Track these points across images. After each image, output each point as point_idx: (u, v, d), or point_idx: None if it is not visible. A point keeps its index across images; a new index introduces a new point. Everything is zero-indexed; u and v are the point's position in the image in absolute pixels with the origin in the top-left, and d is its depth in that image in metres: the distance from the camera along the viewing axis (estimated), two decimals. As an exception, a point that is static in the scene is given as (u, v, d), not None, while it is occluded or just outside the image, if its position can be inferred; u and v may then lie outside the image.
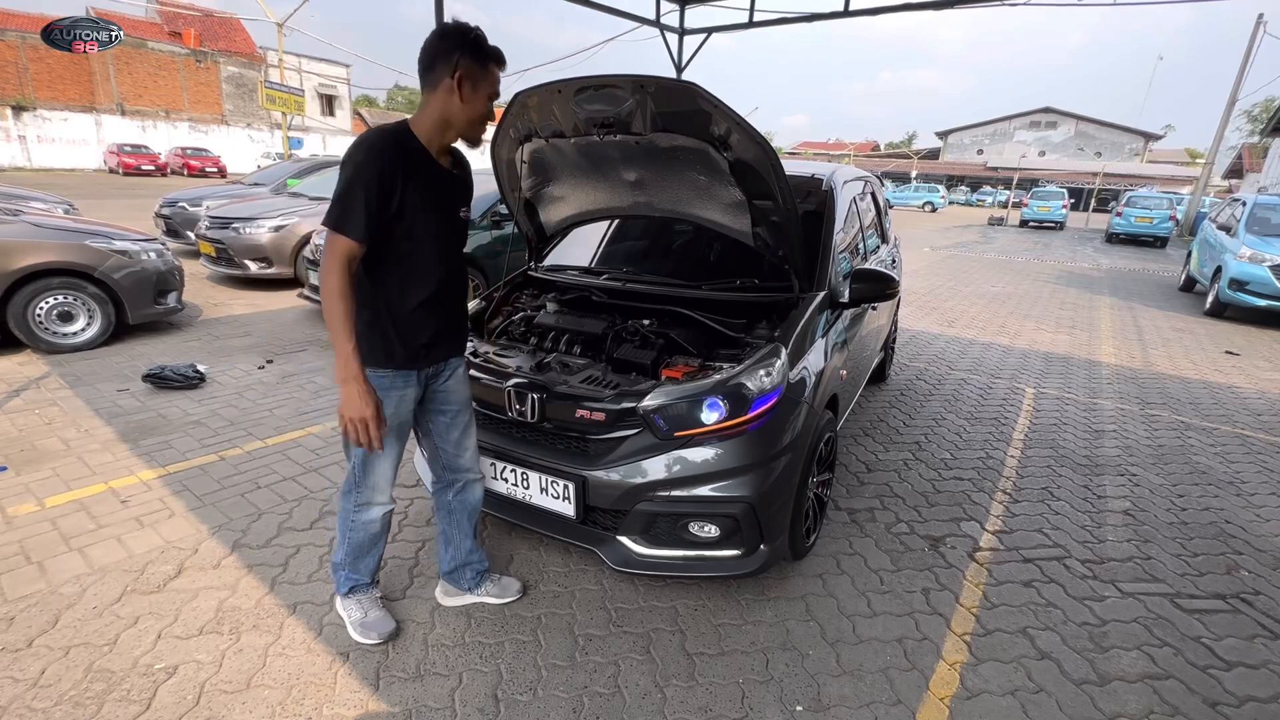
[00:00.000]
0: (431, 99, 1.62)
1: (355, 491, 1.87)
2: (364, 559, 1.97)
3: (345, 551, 1.95)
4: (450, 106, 1.62)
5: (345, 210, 1.54)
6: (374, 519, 1.91)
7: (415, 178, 1.61)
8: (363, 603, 2.00)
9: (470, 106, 1.63)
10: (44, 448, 3.13)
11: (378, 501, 1.90)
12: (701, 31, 8.09)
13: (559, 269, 3.11)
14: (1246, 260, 7.82)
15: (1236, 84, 19.51)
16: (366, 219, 1.54)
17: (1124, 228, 19.14)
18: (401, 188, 1.58)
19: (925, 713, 1.83)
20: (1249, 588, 2.53)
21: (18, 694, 1.72)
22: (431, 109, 1.63)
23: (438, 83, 1.60)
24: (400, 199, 1.59)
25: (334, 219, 1.56)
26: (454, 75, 1.58)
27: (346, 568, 1.98)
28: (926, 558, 2.59)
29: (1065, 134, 51.48)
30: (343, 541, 1.94)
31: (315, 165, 9.73)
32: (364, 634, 1.95)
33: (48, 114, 27.76)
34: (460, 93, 1.60)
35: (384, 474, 1.87)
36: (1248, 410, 4.70)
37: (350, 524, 1.91)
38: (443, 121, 1.64)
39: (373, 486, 1.87)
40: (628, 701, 1.81)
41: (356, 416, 1.61)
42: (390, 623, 2.00)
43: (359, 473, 1.85)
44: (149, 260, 4.86)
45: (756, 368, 2.04)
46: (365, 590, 2.02)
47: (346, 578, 1.99)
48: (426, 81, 1.62)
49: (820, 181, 3.04)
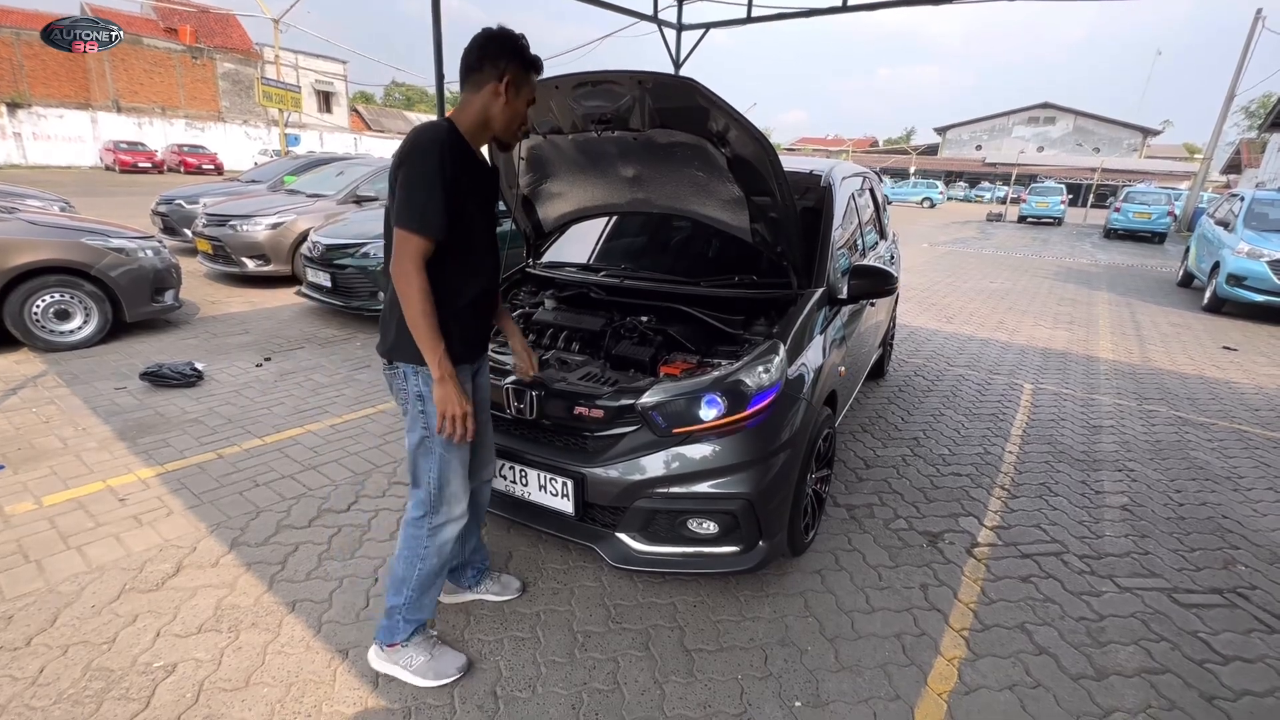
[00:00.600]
0: (474, 99, 1.64)
1: (432, 514, 1.76)
2: (429, 592, 1.83)
3: (412, 588, 1.79)
4: (493, 108, 1.64)
5: (423, 209, 1.52)
6: (450, 539, 1.80)
7: (471, 174, 1.65)
8: (422, 645, 1.85)
9: (512, 109, 1.67)
10: (41, 446, 3.12)
11: (456, 515, 1.79)
12: (699, 27, 8.07)
13: (557, 266, 3.11)
14: (1244, 255, 7.83)
15: (1235, 79, 19.50)
16: (443, 217, 1.54)
17: (1122, 223, 19.15)
18: (463, 183, 1.61)
19: (924, 708, 1.83)
20: (1246, 582, 2.54)
21: (17, 692, 1.72)
22: (475, 108, 1.64)
23: (483, 84, 1.62)
24: (463, 195, 1.60)
25: (412, 219, 1.52)
26: (501, 79, 1.62)
27: (407, 608, 1.80)
28: (925, 554, 2.60)
29: (1064, 129, 51.45)
30: (409, 577, 1.78)
31: (312, 162, 9.70)
32: (439, 675, 1.82)
33: (43, 111, 27.62)
34: (505, 96, 1.63)
35: (462, 478, 1.78)
36: (1245, 405, 4.71)
37: (424, 552, 1.77)
38: (484, 121, 1.66)
39: (451, 496, 1.77)
40: (627, 698, 1.82)
41: (457, 412, 1.61)
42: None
43: (435, 488, 1.74)
44: (146, 258, 4.85)
45: (755, 364, 2.04)
46: (424, 630, 1.88)
47: (406, 621, 1.81)
48: (470, 82, 1.64)
49: (819, 178, 3.04)
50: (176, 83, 31.84)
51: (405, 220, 1.52)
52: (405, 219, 1.52)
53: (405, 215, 1.52)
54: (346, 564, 2.33)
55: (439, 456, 1.72)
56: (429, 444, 1.71)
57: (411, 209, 1.52)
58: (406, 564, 1.79)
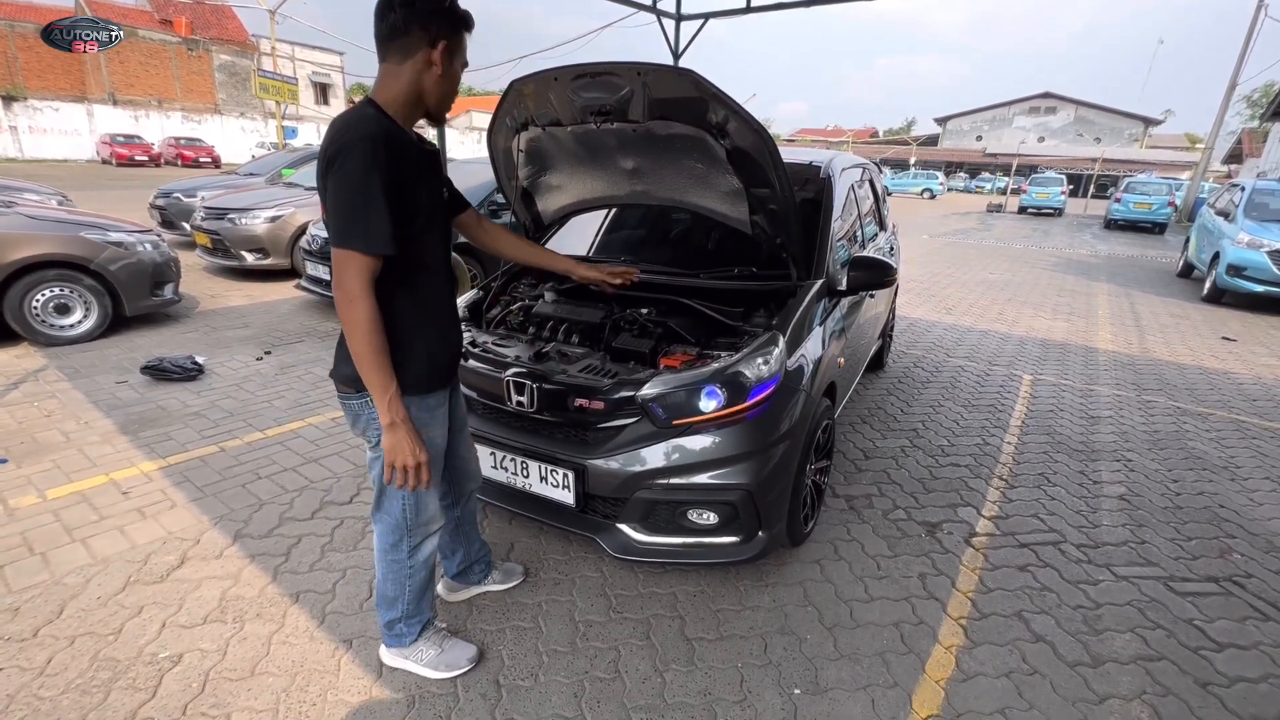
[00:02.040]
0: (400, 71, 1.39)
1: (408, 537, 1.67)
2: (424, 598, 1.81)
3: (407, 602, 1.75)
4: (426, 80, 1.41)
5: (365, 222, 1.28)
6: (431, 550, 1.75)
7: (412, 167, 1.39)
8: (432, 639, 1.85)
9: (449, 78, 1.44)
10: (44, 440, 3.13)
11: (434, 530, 1.73)
12: (698, 17, 8.01)
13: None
14: (1244, 246, 7.82)
15: (1237, 68, 19.40)
16: (389, 226, 1.31)
17: (1122, 214, 19.10)
18: (408, 181, 1.36)
19: (921, 695, 1.85)
20: (1241, 571, 2.56)
21: (25, 683, 1.74)
22: (403, 83, 1.40)
23: (410, 52, 1.38)
24: (408, 195, 1.37)
25: (353, 236, 1.29)
26: (434, 44, 1.38)
27: (408, 617, 1.78)
28: (923, 543, 2.62)
29: (1065, 119, 51.21)
30: (401, 594, 1.74)
31: (310, 155, 9.66)
32: (451, 667, 1.81)
33: (39, 104, 27.45)
34: (439, 65, 1.40)
35: (436, 501, 1.69)
36: (1243, 396, 4.73)
37: (409, 572, 1.71)
38: (415, 97, 1.42)
39: (428, 521, 1.69)
40: (628, 686, 1.84)
41: (412, 463, 1.43)
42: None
43: (409, 516, 1.64)
44: (145, 252, 4.84)
45: (754, 356, 2.05)
46: (431, 625, 1.87)
47: (409, 627, 1.80)
48: (393, 51, 1.38)
49: (818, 169, 3.03)
50: (172, 75, 31.65)
51: (345, 238, 1.29)
52: (344, 236, 1.29)
53: (344, 232, 1.30)
54: (349, 555, 2.35)
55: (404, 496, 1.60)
56: None
57: (350, 224, 1.29)
58: (395, 585, 1.73)
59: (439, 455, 1.65)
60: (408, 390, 1.46)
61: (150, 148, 26.95)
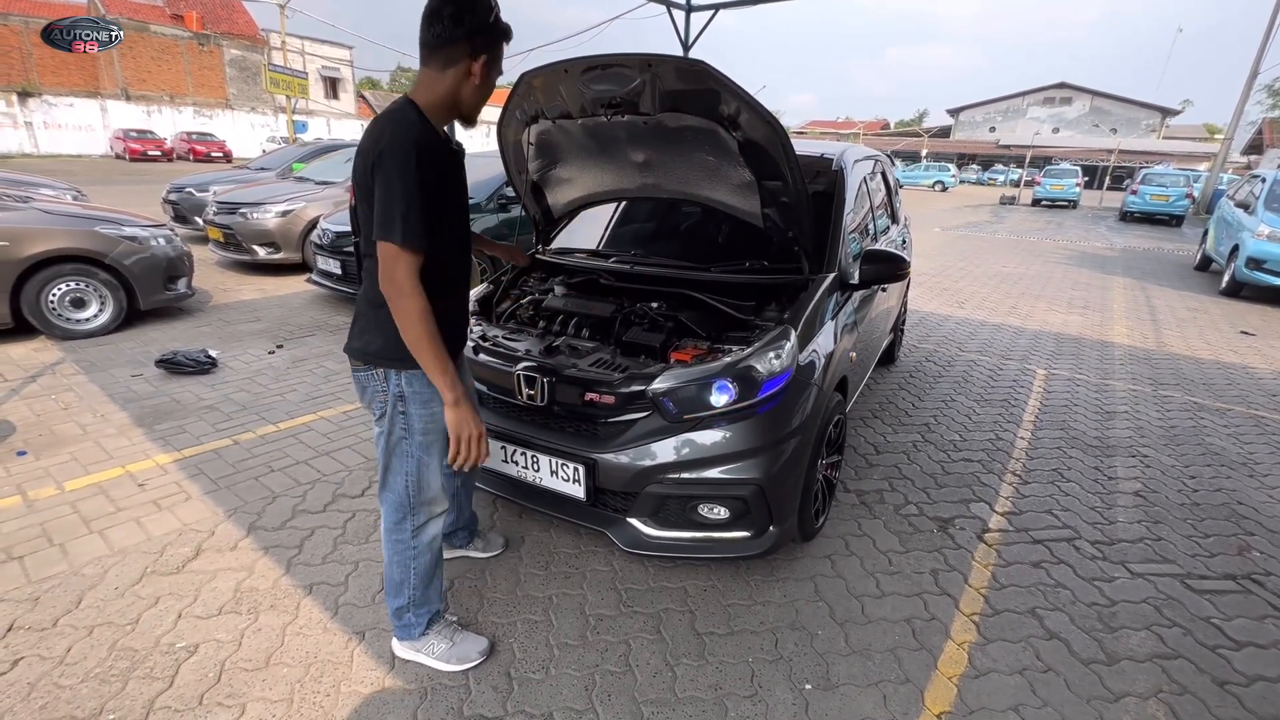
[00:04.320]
0: (442, 78, 1.48)
1: (411, 516, 1.71)
2: (433, 584, 1.82)
3: (413, 586, 1.77)
4: (465, 89, 1.51)
5: (410, 221, 1.38)
6: (437, 533, 1.78)
7: (446, 168, 1.51)
8: (443, 632, 1.85)
9: (484, 89, 1.53)
10: (61, 433, 3.18)
11: (438, 512, 1.76)
12: (708, 9, 7.95)
13: (567, 252, 3.10)
14: (1265, 238, 7.68)
15: (1258, 57, 18.98)
16: (425, 224, 1.41)
17: (1139, 206, 18.82)
18: (444, 181, 1.49)
19: (933, 691, 1.84)
20: (1260, 568, 2.52)
21: (45, 671, 1.77)
22: (443, 89, 1.49)
23: (454, 61, 1.46)
24: (441, 194, 1.48)
25: (405, 233, 1.38)
26: (476, 57, 1.47)
27: (416, 604, 1.79)
28: (935, 539, 2.60)
29: (1080, 110, 50.45)
30: (407, 578, 1.76)
31: (321, 149, 9.70)
32: (460, 662, 1.82)
33: (53, 100, 27.75)
34: (479, 76, 1.50)
35: (439, 479, 1.73)
36: (1262, 391, 4.65)
37: (413, 552, 1.74)
38: (453, 104, 1.52)
39: (432, 500, 1.73)
40: (639, 680, 1.84)
41: (473, 433, 1.54)
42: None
43: (413, 491, 1.68)
44: (158, 246, 4.88)
45: (766, 350, 2.04)
46: (442, 618, 1.88)
47: (417, 616, 1.81)
48: (437, 58, 1.47)
49: (830, 161, 3.00)
50: (184, 70, 31.85)
51: (392, 233, 1.39)
52: (392, 232, 1.39)
53: (391, 228, 1.39)
54: (361, 548, 2.37)
55: (417, 460, 1.65)
56: (406, 446, 1.63)
57: (401, 222, 1.38)
58: (400, 569, 1.75)
59: (441, 428, 1.65)
60: (414, 363, 1.52)
61: (162, 143, 27.20)
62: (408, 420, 1.61)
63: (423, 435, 1.63)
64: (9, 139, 26.65)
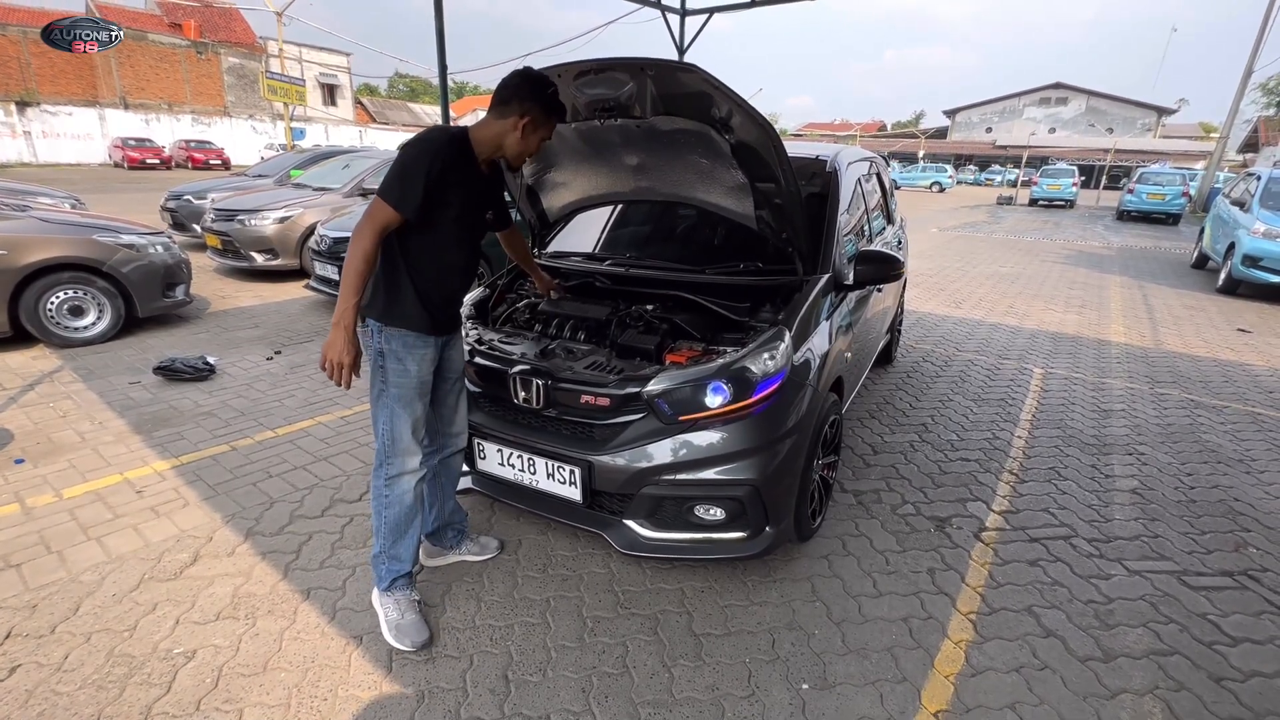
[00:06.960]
0: (495, 124, 1.83)
1: (386, 464, 1.90)
2: (402, 540, 1.96)
3: (383, 535, 1.95)
4: (509, 138, 1.83)
5: (402, 187, 1.70)
6: (407, 490, 1.93)
7: (462, 175, 1.80)
8: (400, 603, 1.98)
9: (525, 143, 1.85)
10: (60, 440, 3.18)
11: (409, 469, 1.92)
12: (703, 12, 7.98)
13: (562, 255, 3.11)
14: (1260, 236, 7.70)
15: (1253, 55, 19.04)
16: (419, 199, 1.70)
17: (1136, 205, 18.87)
18: (450, 181, 1.76)
19: (931, 690, 1.85)
20: (1257, 565, 2.52)
21: (43, 678, 1.77)
22: (492, 131, 1.83)
23: (506, 115, 1.81)
24: (446, 190, 1.75)
25: (390, 192, 1.70)
26: (523, 117, 1.80)
27: (386, 556, 1.96)
28: (932, 538, 2.61)
29: (1076, 110, 50.59)
30: (379, 525, 1.95)
31: (318, 155, 9.71)
32: (398, 638, 1.93)
33: (51, 109, 27.77)
34: (521, 132, 1.82)
35: (412, 435, 1.90)
36: (1259, 388, 4.66)
37: (385, 500, 1.92)
38: (497, 145, 1.85)
39: (404, 452, 1.90)
40: (636, 681, 1.84)
41: (336, 359, 1.72)
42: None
43: (388, 440, 1.88)
44: (156, 254, 4.89)
45: (760, 351, 2.04)
46: (405, 587, 2.00)
47: (388, 569, 1.97)
48: (497, 109, 1.82)
49: (824, 163, 3.02)
50: (182, 78, 31.91)
51: (383, 191, 1.71)
52: (384, 190, 1.71)
53: (384, 187, 1.71)
54: (359, 553, 2.37)
55: (390, 411, 1.87)
56: (385, 399, 1.86)
57: (392, 184, 1.70)
58: (375, 512, 1.95)
59: (412, 386, 1.87)
60: (394, 322, 1.82)
61: (161, 151, 27.22)
62: (385, 375, 1.85)
63: (396, 389, 1.85)
64: (7, 148, 26.65)
